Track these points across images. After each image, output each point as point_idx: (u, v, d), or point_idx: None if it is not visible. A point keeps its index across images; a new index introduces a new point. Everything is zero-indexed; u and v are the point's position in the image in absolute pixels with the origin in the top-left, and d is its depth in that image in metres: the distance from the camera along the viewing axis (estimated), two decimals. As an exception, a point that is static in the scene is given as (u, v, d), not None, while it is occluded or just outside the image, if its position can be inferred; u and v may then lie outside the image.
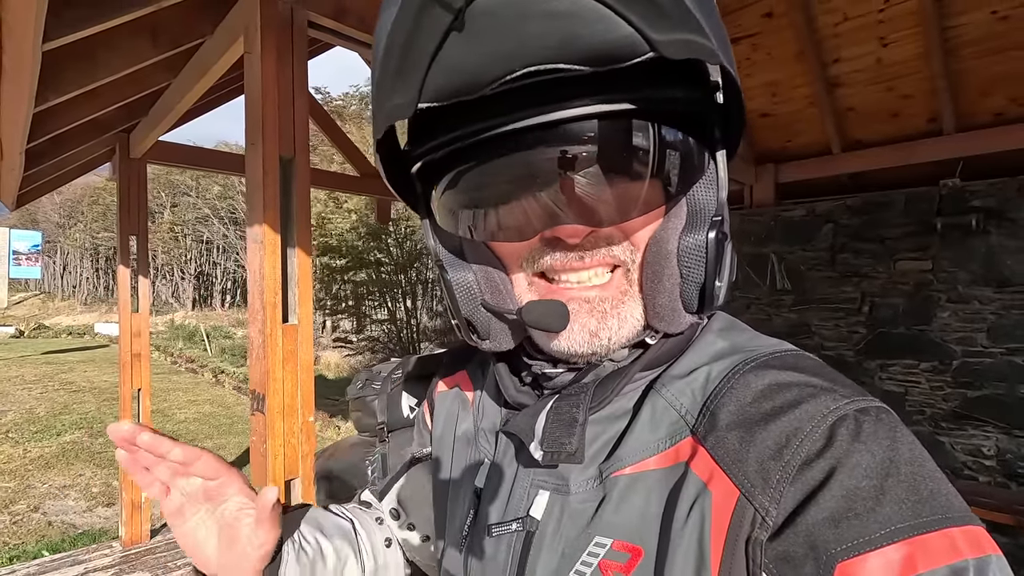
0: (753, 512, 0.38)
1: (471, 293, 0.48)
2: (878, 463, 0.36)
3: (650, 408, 0.45)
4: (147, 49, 2.15)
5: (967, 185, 3.43)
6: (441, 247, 0.50)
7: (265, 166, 1.79)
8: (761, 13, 3.43)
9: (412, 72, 0.35)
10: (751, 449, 0.39)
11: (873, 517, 0.35)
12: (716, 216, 0.44)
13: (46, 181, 3.82)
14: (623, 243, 0.45)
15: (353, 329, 13.48)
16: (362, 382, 1.82)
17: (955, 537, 0.34)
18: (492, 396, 0.58)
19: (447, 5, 0.32)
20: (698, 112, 0.42)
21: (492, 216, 0.44)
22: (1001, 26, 2.97)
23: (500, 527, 0.49)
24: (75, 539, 4.16)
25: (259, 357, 1.84)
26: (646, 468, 0.43)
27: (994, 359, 3.29)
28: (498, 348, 0.50)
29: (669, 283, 0.44)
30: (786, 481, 0.37)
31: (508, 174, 0.42)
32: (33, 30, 1.36)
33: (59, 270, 35.74)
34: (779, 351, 0.46)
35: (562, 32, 0.32)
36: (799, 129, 3.98)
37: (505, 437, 0.53)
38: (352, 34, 2.07)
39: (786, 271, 4.14)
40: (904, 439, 0.38)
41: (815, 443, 0.38)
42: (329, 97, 18.35)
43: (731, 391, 0.43)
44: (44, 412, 8.18)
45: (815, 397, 0.40)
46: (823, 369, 0.44)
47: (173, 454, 0.50)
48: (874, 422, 0.38)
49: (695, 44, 0.33)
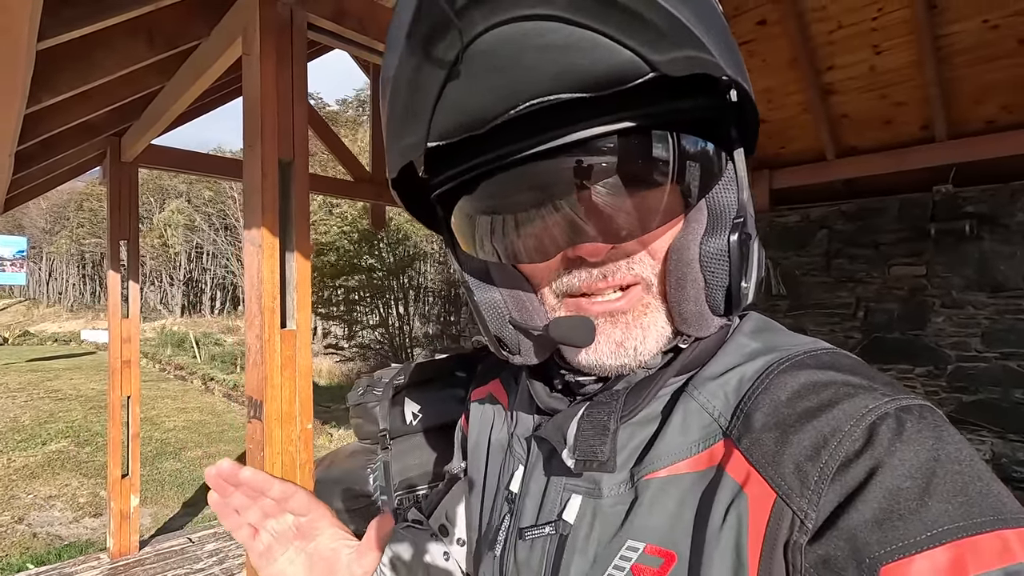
0: (791, 515, 0.36)
1: (498, 312, 0.49)
2: (923, 462, 0.35)
3: (682, 411, 0.45)
4: (143, 50, 2.12)
5: (960, 191, 3.46)
6: (465, 270, 0.50)
7: (264, 169, 1.77)
8: (755, 20, 3.46)
9: (418, 114, 0.36)
10: (787, 450, 0.38)
11: (918, 518, 0.33)
12: (738, 218, 0.43)
13: (35, 185, 3.76)
14: (643, 257, 0.45)
15: (345, 335, 13.39)
16: (363, 388, 1.79)
17: (1008, 539, 0.32)
18: (525, 403, 0.58)
19: (441, 57, 0.33)
20: (711, 115, 0.41)
21: (513, 239, 0.44)
22: (992, 35, 3.01)
23: (534, 531, 0.49)
24: (61, 551, 4.07)
25: (256, 363, 1.80)
26: (678, 472, 0.43)
27: (988, 364, 3.31)
28: (528, 362, 0.51)
29: (693, 290, 0.44)
30: (824, 482, 0.36)
31: (523, 198, 0.42)
32: (28, 28, 1.33)
33: (45, 276, 35.25)
34: (815, 350, 0.45)
35: (560, 64, 0.32)
36: (793, 135, 4.02)
37: (538, 442, 0.53)
38: (352, 36, 2.05)
39: (781, 277, 4.16)
40: (951, 438, 0.37)
41: (854, 442, 0.37)
42: (323, 103, 18.29)
43: (766, 392, 0.42)
44: (29, 421, 8.03)
45: (853, 396, 0.39)
46: (862, 367, 0.43)
47: (273, 491, 0.51)
48: (917, 420, 0.37)
49: (697, 60, 0.33)
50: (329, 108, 18.11)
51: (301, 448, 1.84)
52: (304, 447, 1.85)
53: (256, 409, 1.81)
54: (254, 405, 1.82)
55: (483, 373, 0.69)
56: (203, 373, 12.10)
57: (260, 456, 1.78)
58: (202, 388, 11.37)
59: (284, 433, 1.80)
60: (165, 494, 5.35)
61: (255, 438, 1.82)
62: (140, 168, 3.69)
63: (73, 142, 3.10)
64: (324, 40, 2.09)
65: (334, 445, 7.06)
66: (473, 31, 0.32)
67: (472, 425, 0.65)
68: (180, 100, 2.61)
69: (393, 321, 11.91)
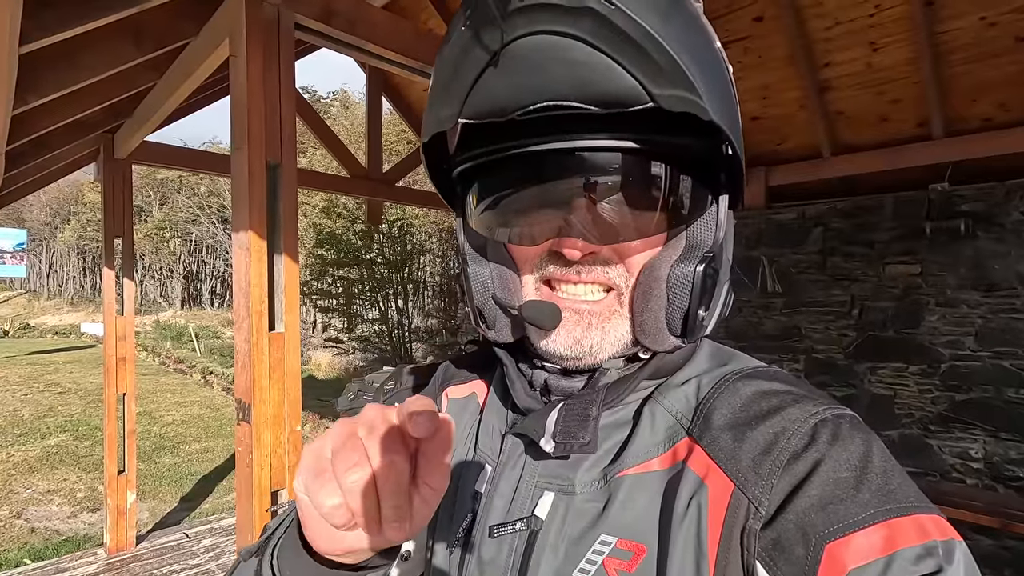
0: (747, 503, 0.42)
1: (484, 286, 0.55)
2: (856, 459, 0.42)
3: (649, 414, 0.50)
4: (130, 51, 2.10)
5: (956, 190, 3.45)
6: (468, 243, 0.56)
7: (251, 172, 1.76)
8: (752, 17, 3.43)
9: (457, 92, 0.43)
10: (743, 446, 0.44)
11: (854, 502, 0.39)
12: (709, 252, 0.48)
13: (29, 182, 3.75)
14: (618, 267, 0.50)
15: (344, 328, 13.40)
16: (353, 393, 1.79)
17: (923, 522, 0.39)
18: (499, 401, 0.60)
19: (486, 48, 0.39)
20: (704, 157, 0.47)
21: (512, 221, 0.51)
22: (990, 32, 2.98)
23: (503, 528, 0.50)
24: (59, 546, 4.10)
25: (245, 366, 1.81)
26: (648, 469, 0.47)
27: (982, 363, 3.31)
28: (501, 339, 0.55)
29: (655, 305, 0.48)
30: (776, 474, 0.42)
31: (527, 187, 0.49)
32: (8, 33, 1.32)
33: (45, 269, 35.27)
34: (761, 366, 0.52)
35: (578, 77, 0.38)
36: (789, 132, 3.99)
37: (511, 439, 0.55)
38: (340, 37, 2.04)
39: (776, 274, 4.16)
40: (876, 442, 0.44)
41: (800, 440, 0.43)
42: (316, 95, 18.17)
43: (722, 396, 0.48)
44: (28, 414, 8.06)
45: (798, 403, 0.46)
46: (801, 381, 0.50)
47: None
48: (849, 426, 0.44)
49: (688, 100, 0.38)
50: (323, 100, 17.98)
51: (290, 450, 1.85)
52: (293, 449, 1.86)
53: (245, 411, 1.81)
54: (243, 407, 1.82)
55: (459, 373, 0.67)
56: (202, 366, 12.13)
57: (249, 458, 1.79)
58: (201, 382, 11.40)
59: (273, 436, 1.81)
60: (163, 489, 5.38)
61: (244, 440, 1.82)
62: (134, 165, 3.68)
63: (65, 140, 3.09)
64: (312, 40, 2.08)
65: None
66: (514, 33, 0.38)
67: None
68: (171, 98, 2.60)
69: (392, 315, 11.92)
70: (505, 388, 0.57)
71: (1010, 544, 3.12)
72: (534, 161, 0.46)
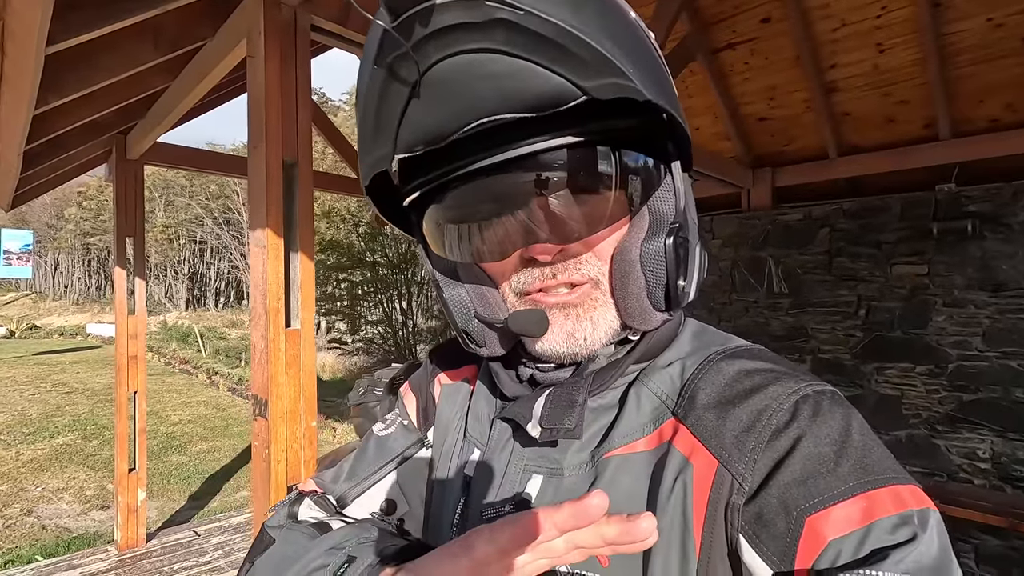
0: (731, 479, 0.43)
1: (464, 307, 0.54)
2: (836, 433, 0.43)
3: (635, 396, 0.50)
4: (148, 52, 2.14)
5: (963, 190, 3.45)
6: (436, 269, 0.55)
7: (268, 170, 1.79)
8: (759, 18, 3.45)
9: (385, 130, 0.42)
10: (727, 424, 0.44)
11: (834, 475, 0.40)
12: (674, 223, 0.48)
13: (42, 182, 3.79)
14: (591, 259, 0.50)
15: (348, 330, 13.43)
16: (364, 388, 1.82)
17: (900, 492, 0.40)
18: (487, 391, 0.61)
19: (404, 81, 0.39)
20: (648, 132, 0.46)
21: (475, 239, 0.50)
22: (997, 33, 2.99)
23: (492, 510, 0.51)
24: (69, 543, 4.13)
25: (261, 362, 1.83)
26: (635, 450, 0.48)
27: (989, 363, 3.31)
28: (494, 354, 0.55)
29: (635, 287, 0.49)
30: (759, 450, 0.43)
31: (483, 205, 0.48)
32: (37, 35, 1.35)
33: (51, 270, 35.44)
34: (744, 345, 0.53)
35: (504, 89, 0.38)
36: (796, 133, 4.01)
37: (500, 424, 0.56)
38: (356, 38, 2.07)
39: (783, 275, 4.16)
40: (855, 416, 0.45)
41: (782, 417, 0.44)
42: (326, 98, 18.25)
43: (705, 376, 0.49)
44: (36, 414, 8.11)
45: (779, 380, 0.46)
46: (782, 360, 0.51)
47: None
48: (830, 402, 0.45)
49: (619, 86, 0.38)
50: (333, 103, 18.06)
51: (305, 445, 1.88)
52: (308, 444, 1.89)
53: (261, 407, 1.84)
54: (259, 403, 1.85)
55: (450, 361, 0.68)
56: (208, 367, 12.17)
57: (265, 453, 1.81)
58: (207, 382, 11.44)
59: (289, 431, 1.83)
60: (171, 487, 5.41)
61: (260, 435, 1.85)
62: (146, 165, 3.72)
63: (79, 140, 3.13)
64: (327, 41, 2.10)
65: (338, 440, 7.12)
66: (427, 61, 0.37)
67: (440, 411, 0.64)
68: (185, 99, 2.64)
69: (397, 316, 11.95)
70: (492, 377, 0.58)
71: (1018, 544, 3.12)
72: (482, 176, 0.45)
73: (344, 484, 0.66)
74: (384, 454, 0.66)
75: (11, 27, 1.29)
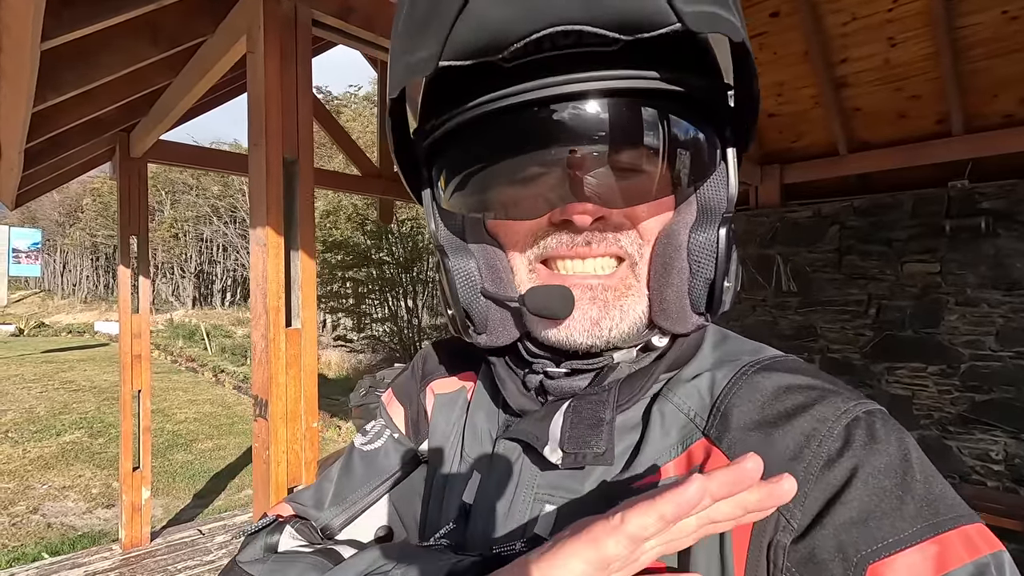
0: (777, 515, 0.37)
1: (471, 280, 0.46)
2: (896, 463, 0.37)
3: (659, 414, 0.44)
4: (147, 48, 2.11)
5: (976, 187, 3.39)
6: (444, 231, 0.47)
7: (268, 168, 1.76)
8: (768, 12, 3.40)
9: (438, 24, 0.34)
10: (770, 451, 0.39)
11: (899, 515, 0.35)
12: (727, 213, 0.43)
13: (46, 180, 3.79)
14: (632, 234, 0.44)
15: (354, 328, 13.46)
16: (365, 389, 1.81)
17: (970, 534, 0.35)
18: (489, 398, 0.53)
19: None
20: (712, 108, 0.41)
21: (504, 192, 0.43)
22: (1011, 27, 2.93)
23: (500, 547, 0.44)
24: (75, 541, 4.14)
25: (262, 362, 1.81)
26: (666, 475, 0.42)
27: (1002, 363, 3.26)
28: (495, 343, 0.47)
29: (678, 278, 0.43)
30: (809, 482, 0.37)
31: (524, 148, 0.40)
32: (31, 30, 1.33)
33: (59, 268, 35.73)
34: (779, 356, 0.47)
35: None
36: (805, 130, 3.95)
37: (505, 444, 0.48)
38: (358, 33, 2.04)
39: (792, 273, 4.11)
40: (910, 441, 0.40)
41: (834, 444, 0.38)
42: (330, 96, 18.26)
43: (740, 392, 0.43)
44: (44, 411, 8.16)
45: (825, 399, 0.41)
46: (821, 373, 0.45)
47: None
48: (883, 424, 0.40)
49: (720, 18, 0.32)
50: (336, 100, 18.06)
51: (306, 446, 1.85)
52: (310, 445, 1.86)
53: (262, 407, 1.81)
54: (260, 403, 1.83)
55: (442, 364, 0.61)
56: (214, 365, 12.23)
57: (266, 454, 1.79)
58: (213, 380, 11.48)
59: (289, 431, 1.81)
60: (176, 486, 5.42)
61: (261, 436, 1.83)
62: (149, 163, 3.71)
63: (82, 139, 3.12)
64: (329, 37, 2.07)
65: (342, 438, 7.12)
66: None
67: (435, 420, 0.57)
68: (187, 97, 2.62)
69: (402, 314, 11.95)
70: (495, 384, 0.50)
71: (1032, 547, 3.07)
72: (528, 114, 0.38)
73: (330, 511, 0.58)
74: (374, 474, 0.58)
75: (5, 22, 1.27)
